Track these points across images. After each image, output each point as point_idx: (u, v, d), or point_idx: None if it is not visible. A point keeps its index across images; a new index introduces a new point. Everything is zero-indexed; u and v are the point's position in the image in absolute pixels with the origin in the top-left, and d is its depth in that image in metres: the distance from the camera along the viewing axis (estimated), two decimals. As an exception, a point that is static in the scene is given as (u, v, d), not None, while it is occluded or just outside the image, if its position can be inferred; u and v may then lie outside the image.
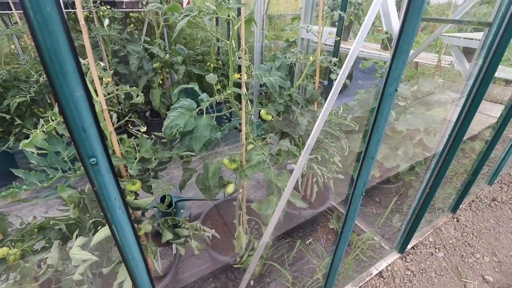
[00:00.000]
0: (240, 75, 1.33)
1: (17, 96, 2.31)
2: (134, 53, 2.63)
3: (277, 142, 1.95)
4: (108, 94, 1.23)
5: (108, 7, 2.54)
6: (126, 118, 1.29)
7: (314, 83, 1.91)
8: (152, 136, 1.42)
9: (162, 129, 1.26)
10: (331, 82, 2.14)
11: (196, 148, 1.29)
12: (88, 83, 1.19)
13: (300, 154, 1.60)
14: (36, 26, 0.35)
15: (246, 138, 1.50)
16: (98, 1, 2.50)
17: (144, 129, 1.27)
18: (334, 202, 2.46)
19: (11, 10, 2.43)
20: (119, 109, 2.40)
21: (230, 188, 1.67)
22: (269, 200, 1.51)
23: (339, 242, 1.31)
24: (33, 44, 2.51)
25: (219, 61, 3.17)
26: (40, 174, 1.06)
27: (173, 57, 2.88)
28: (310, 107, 1.88)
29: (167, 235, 1.39)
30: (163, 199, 1.81)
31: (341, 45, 2.21)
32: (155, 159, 1.31)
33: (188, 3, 3.14)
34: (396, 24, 1.97)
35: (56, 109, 1.10)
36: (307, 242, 2.27)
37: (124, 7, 2.93)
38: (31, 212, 2.35)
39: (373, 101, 2.29)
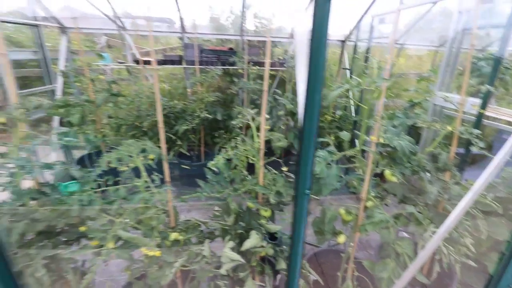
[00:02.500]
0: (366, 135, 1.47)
1: (183, 125, 3.17)
2: (268, 102, 3.19)
3: (397, 205, 1.91)
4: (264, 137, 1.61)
5: (257, 67, 3.25)
6: (273, 158, 1.61)
7: (448, 152, 1.83)
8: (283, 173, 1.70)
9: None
10: (468, 152, 1.98)
11: (324, 193, 1.46)
12: (253, 128, 1.59)
13: (425, 223, 1.53)
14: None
15: (366, 195, 1.58)
16: (251, 63, 3.25)
17: (285, 168, 1.55)
18: (457, 292, 2.07)
19: (194, 65, 3.47)
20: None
21: (341, 238, 1.73)
22: (385, 263, 1.48)
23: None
24: (200, 89, 3.50)
25: (335, 115, 3.40)
26: (212, 186, 1.47)
27: (296, 108, 3.31)
28: (441, 176, 1.79)
29: (282, 264, 1.55)
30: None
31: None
32: (286, 194, 1.56)
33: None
34: None
35: (232, 144, 1.53)
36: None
37: (264, 66, 3.65)
38: (189, 213, 3.00)
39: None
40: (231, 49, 3.58)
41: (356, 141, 3.74)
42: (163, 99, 3.35)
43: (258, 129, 1.75)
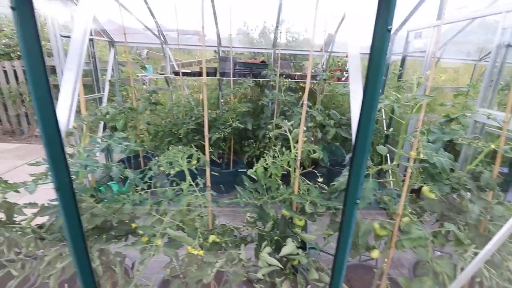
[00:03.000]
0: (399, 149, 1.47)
1: (216, 133, 3.31)
2: (298, 114, 3.26)
3: (433, 223, 1.86)
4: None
5: (288, 79, 3.34)
6: (309, 169, 1.66)
7: (490, 170, 1.76)
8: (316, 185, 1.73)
9: (335, 184, 1.54)
10: (512, 172, 1.89)
11: (360, 206, 1.48)
12: (291, 139, 1.65)
13: (466, 243, 1.48)
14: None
15: (402, 210, 1.56)
16: (283, 75, 3.35)
17: (321, 180, 1.59)
18: (499, 321, 1.93)
19: (228, 77, 3.64)
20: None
21: (375, 253, 1.71)
22: (422, 281, 1.45)
23: None
24: (233, 100, 3.67)
25: (368, 129, 3.37)
26: (250, 193, 1.54)
27: (326, 120, 3.34)
28: (483, 195, 1.72)
29: (314, 275, 1.57)
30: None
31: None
32: (320, 205, 1.59)
33: (346, 79, 3.64)
34: None
35: (270, 153, 1.60)
36: None
37: (296, 78, 3.74)
38: (217, 219, 3.11)
39: None
40: (263, 62, 3.72)
41: (388, 155, 3.66)
42: (198, 108, 3.53)
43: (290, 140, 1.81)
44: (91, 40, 3.38)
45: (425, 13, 3.07)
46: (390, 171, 1.78)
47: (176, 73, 3.57)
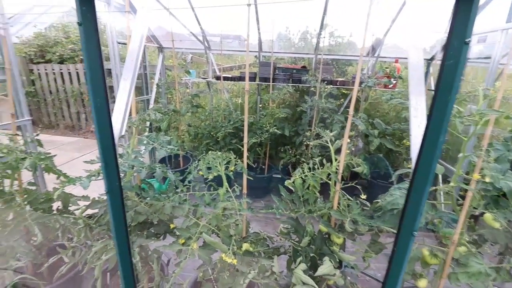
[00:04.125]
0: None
1: (253, 138, 3.32)
2: (338, 122, 3.12)
3: (495, 255, 1.63)
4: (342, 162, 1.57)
5: (330, 85, 3.22)
6: (350, 183, 1.56)
7: None
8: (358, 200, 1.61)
9: (380, 202, 1.42)
10: None
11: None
12: (332, 151, 1.57)
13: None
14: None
15: (459, 238, 1.38)
16: (325, 81, 3.24)
17: (364, 196, 1.48)
18: None
19: (267, 82, 3.64)
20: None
21: (422, 283, 1.54)
22: (481, 322, 1.26)
23: None
24: (271, 105, 3.65)
25: (416, 141, 3.09)
26: (287, 204, 1.49)
27: (369, 129, 3.14)
28: None
29: (351, 298, 1.46)
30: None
31: None
32: (362, 223, 1.48)
33: (393, 86, 3.39)
34: None
35: (310, 164, 1.54)
36: None
37: (338, 84, 3.59)
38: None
39: None
40: (304, 67, 3.65)
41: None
42: (236, 113, 3.59)
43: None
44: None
45: (489, 15, 2.74)
46: (441, 191, 1.60)
47: (217, 78, 3.67)
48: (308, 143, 3.38)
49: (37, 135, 1.73)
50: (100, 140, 0.72)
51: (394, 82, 3.31)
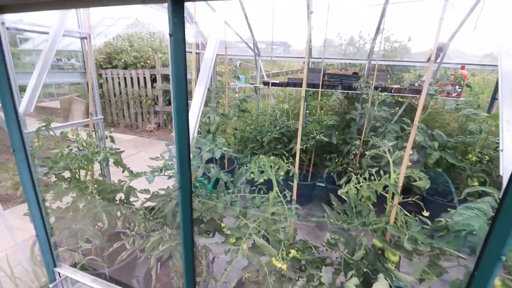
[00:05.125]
0: None
1: (298, 144, 3.29)
2: (393, 131, 2.93)
3: None
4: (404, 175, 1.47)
5: (384, 93, 3.05)
6: (411, 198, 1.45)
7: None
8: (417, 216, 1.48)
9: (444, 221, 1.29)
10: None
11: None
12: (391, 162, 1.48)
13: None
14: None
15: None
16: (378, 88, 3.08)
17: (426, 213, 1.36)
18: None
19: (315, 88, 3.59)
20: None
21: (493, 318, 1.35)
22: None
23: None
24: (319, 112, 3.60)
25: (485, 155, 2.75)
26: (338, 214, 1.44)
27: (428, 141, 2.88)
28: None
29: (406, 323, 1.35)
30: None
31: None
32: (422, 242, 1.36)
33: (458, 95, 3.07)
34: None
35: (365, 174, 1.47)
36: None
37: (392, 91, 3.38)
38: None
39: None
40: (355, 73, 3.52)
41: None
42: (282, 118, 3.60)
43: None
44: (197, 53, 3.89)
45: None
46: None
47: (265, 83, 3.74)
48: (356, 152, 3.23)
49: (111, 132, 1.95)
50: (178, 141, 0.79)
51: (459, 90, 3.00)
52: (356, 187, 1.43)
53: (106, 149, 1.91)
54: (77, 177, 1.87)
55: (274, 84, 3.63)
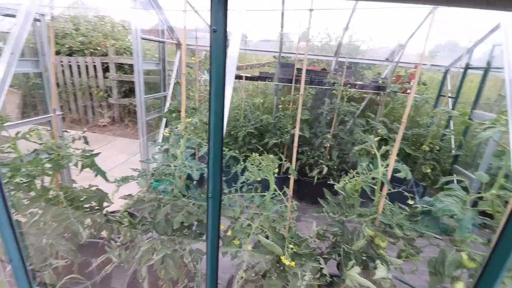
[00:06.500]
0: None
1: (273, 138, 3.33)
2: (360, 125, 3.16)
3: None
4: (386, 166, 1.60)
5: (353, 89, 3.26)
6: (397, 189, 1.60)
7: None
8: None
9: (434, 210, 1.45)
10: None
11: (459, 236, 1.38)
12: (378, 156, 1.59)
13: None
14: None
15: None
16: (348, 85, 3.27)
17: (411, 202, 1.52)
18: None
19: (286, 83, 3.65)
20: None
21: (459, 286, 1.58)
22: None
23: None
24: (292, 106, 3.69)
25: (435, 146, 3.16)
26: (334, 207, 1.52)
27: (389, 133, 3.19)
28: None
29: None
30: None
31: None
32: (407, 228, 1.51)
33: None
34: None
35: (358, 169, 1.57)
36: None
37: (357, 88, 3.63)
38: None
39: None
40: (324, 69, 3.67)
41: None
42: (256, 113, 3.59)
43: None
44: (162, 42, 3.61)
45: None
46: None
47: (237, 77, 3.67)
48: (327, 145, 3.41)
49: (84, 132, 1.71)
50: (213, 145, 0.73)
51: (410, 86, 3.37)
52: (350, 181, 1.51)
53: (77, 152, 1.69)
54: (43, 185, 1.61)
55: (246, 78, 3.59)
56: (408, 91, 3.39)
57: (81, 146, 1.79)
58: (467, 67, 3.18)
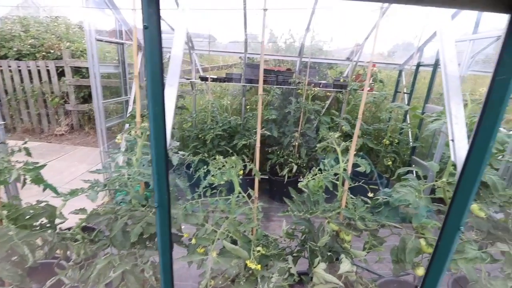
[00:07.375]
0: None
1: (242, 140, 3.31)
2: (325, 123, 3.24)
3: (478, 241, 1.82)
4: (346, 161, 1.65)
5: (317, 88, 3.34)
6: (357, 183, 1.64)
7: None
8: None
9: (391, 200, 1.51)
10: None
11: (415, 223, 1.45)
12: (339, 152, 1.63)
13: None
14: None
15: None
16: (312, 84, 3.35)
17: (371, 194, 1.57)
18: None
19: (252, 84, 3.65)
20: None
21: (421, 271, 1.67)
22: (477, 303, 1.41)
23: None
24: (261, 107, 3.68)
25: (395, 139, 3.34)
26: (299, 205, 1.52)
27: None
28: (534, 216, 1.68)
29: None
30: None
31: None
32: (369, 220, 1.56)
33: (371, 89, 3.62)
34: None
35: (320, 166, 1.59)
36: None
37: (321, 86, 3.73)
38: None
39: None
40: (289, 69, 3.72)
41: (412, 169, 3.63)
42: (224, 114, 3.54)
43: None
44: (122, 44, 3.42)
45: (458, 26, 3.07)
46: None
47: (203, 78, 3.59)
48: (295, 143, 3.46)
49: (26, 142, 1.55)
50: (155, 151, 0.68)
51: (373, 85, 3.54)
52: (313, 178, 1.53)
53: (18, 165, 1.52)
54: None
55: (213, 80, 3.52)
56: (368, 89, 3.55)
57: (37, 158, 1.62)
58: (419, 64, 3.41)
